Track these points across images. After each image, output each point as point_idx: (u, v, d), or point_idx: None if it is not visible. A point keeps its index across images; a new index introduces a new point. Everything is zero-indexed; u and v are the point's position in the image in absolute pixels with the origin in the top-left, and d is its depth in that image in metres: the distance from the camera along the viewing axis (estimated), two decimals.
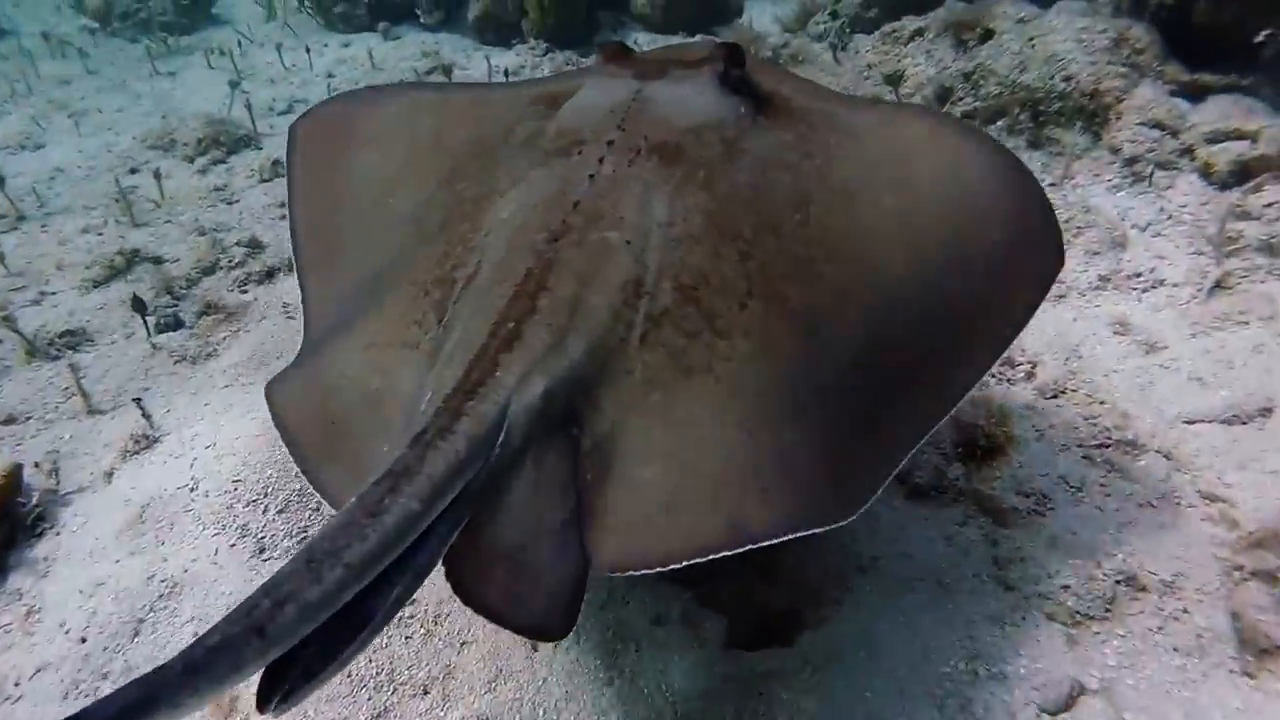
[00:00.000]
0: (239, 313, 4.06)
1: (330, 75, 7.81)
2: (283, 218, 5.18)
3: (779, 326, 1.85)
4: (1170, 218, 4.37)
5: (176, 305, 4.16)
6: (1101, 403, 3.21)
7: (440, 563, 1.62)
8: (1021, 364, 3.42)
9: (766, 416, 1.75)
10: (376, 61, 7.93)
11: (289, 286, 4.33)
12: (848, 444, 1.79)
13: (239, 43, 8.71)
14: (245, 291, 4.29)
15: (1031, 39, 5.08)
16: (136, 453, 3.22)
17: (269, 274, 4.43)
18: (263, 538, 2.80)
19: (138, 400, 3.36)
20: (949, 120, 2.63)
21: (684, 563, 1.60)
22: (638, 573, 1.61)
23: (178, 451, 3.22)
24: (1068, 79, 4.84)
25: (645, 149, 2.10)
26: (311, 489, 1.94)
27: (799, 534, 1.64)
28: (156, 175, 5.25)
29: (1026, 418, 3.15)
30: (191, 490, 3.00)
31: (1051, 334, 3.61)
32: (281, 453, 2.92)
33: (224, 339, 3.91)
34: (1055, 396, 3.25)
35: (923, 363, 1.92)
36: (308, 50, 8.08)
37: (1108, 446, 3.04)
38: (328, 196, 2.55)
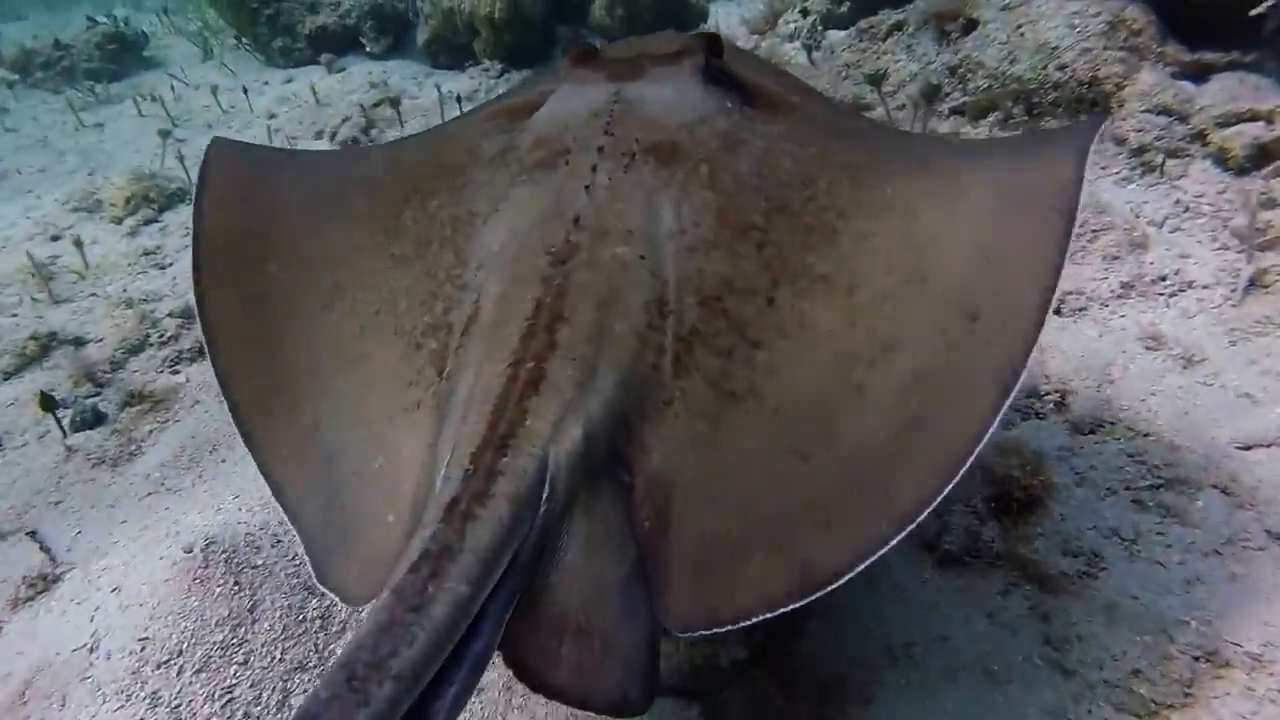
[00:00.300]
0: (168, 399, 3.62)
1: (272, 115, 7.41)
2: None
3: (814, 301, 1.70)
4: (1188, 210, 4.06)
5: (99, 393, 3.72)
6: (1145, 435, 2.83)
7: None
8: (1049, 393, 3.04)
9: (820, 428, 1.58)
10: (321, 96, 7.53)
11: None
12: (917, 411, 1.56)
13: (172, 86, 8.26)
14: (176, 371, 3.86)
15: (1019, 26, 4.81)
16: (31, 599, 2.75)
17: (203, 349, 3.98)
18: (178, 706, 2.31)
19: (33, 534, 2.91)
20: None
21: (755, 619, 1.44)
22: (708, 632, 1.45)
23: (80, 595, 2.73)
24: (1062, 67, 4.56)
25: (639, 152, 1.93)
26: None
27: (869, 563, 1.44)
28: (77, 243, 4.82)
29: (1063, 459, 2.76)
30: (91, 651, 2.50)
31: (1077, 355, 3.23)
32: (197, 600, 2.46)
33: (150, 433, 3.47)
34: (1092, 431, 2.87)
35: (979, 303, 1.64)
36: (245, 90, 7.65)
37: (1159, 487, 2.66)
38: (257, 209, 2.22)
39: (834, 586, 1.44)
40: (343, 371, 1.89)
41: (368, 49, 8.64)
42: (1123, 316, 3.47)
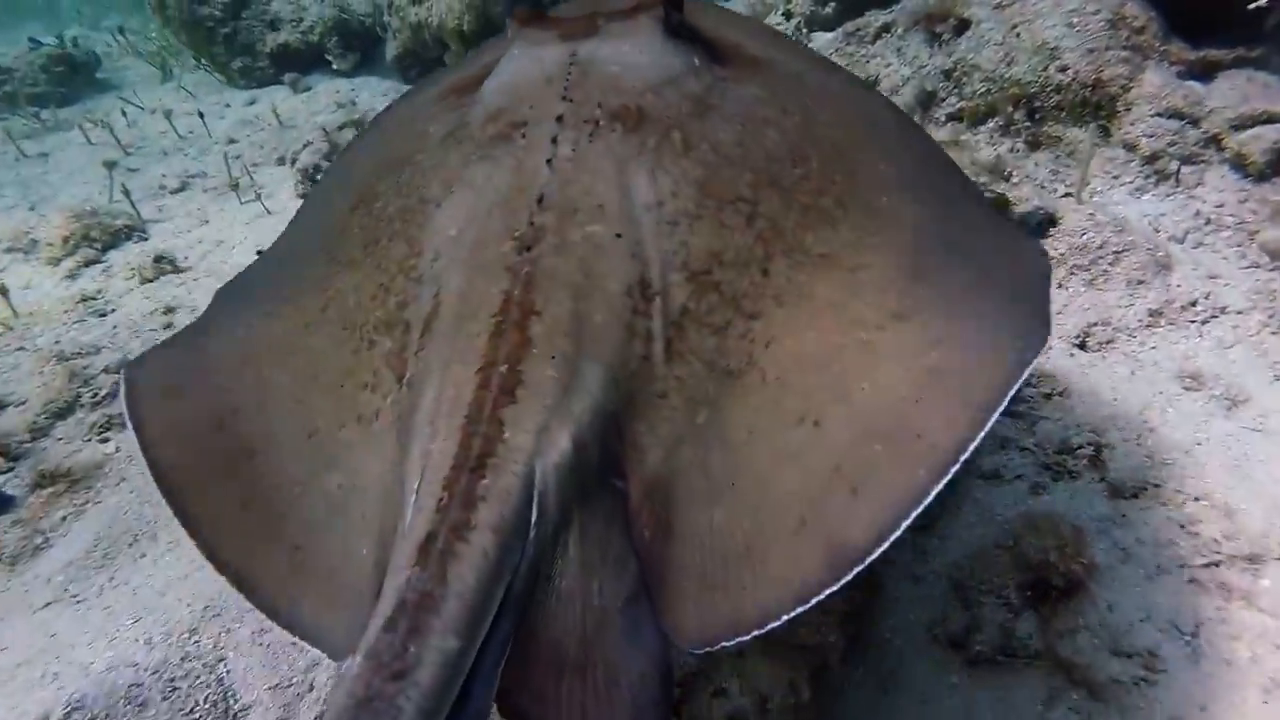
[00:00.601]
0: (90, 476, 3.20)
1: (232, 140, 7.02)
2: (167, 327, 4.39)
3: (814, 275, 1.56)
4: (1210, 222, 3.76)
5: (11, 470, 3.31)
6: (1195, 498, 2.47)
7: None
8: (1082, 446, 2.67)
9: (830, 390, 1.43)
10: (284, 118, 7.15)
11: None
12: (940, 364, 1.43)
13: (123, 111, 7.84)
14: (105, 439, 3.45)
15: (1015, 26, 4.55)
16: None
17: None
18: None
19: None
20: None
21: (784, 618, 1.28)
22: (730, 644, 1.29)
23: None
24: (1064, 69, 4.28)
25: (603, 118, 1.74)
26: None
27: (911, 519, 1.27)
28: (2, 290, 4.41)
29: (1105, 532, 2.40)
30: None
31: (1110, 398, 2.88)
32: None
33: (63, 520, 3.04)
34: (1135, 495, 2.51)
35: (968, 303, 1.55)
36: (201, 115, 7.25)
37: (1217, 564, 2.30)
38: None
39: (873, 558, 1.27)
40: (282, 363, 1.71)
41: (334, 66, 8.25)
42: (1154, 348, 3.13)
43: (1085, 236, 3.47)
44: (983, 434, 1.29)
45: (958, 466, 1.27)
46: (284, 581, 1.50)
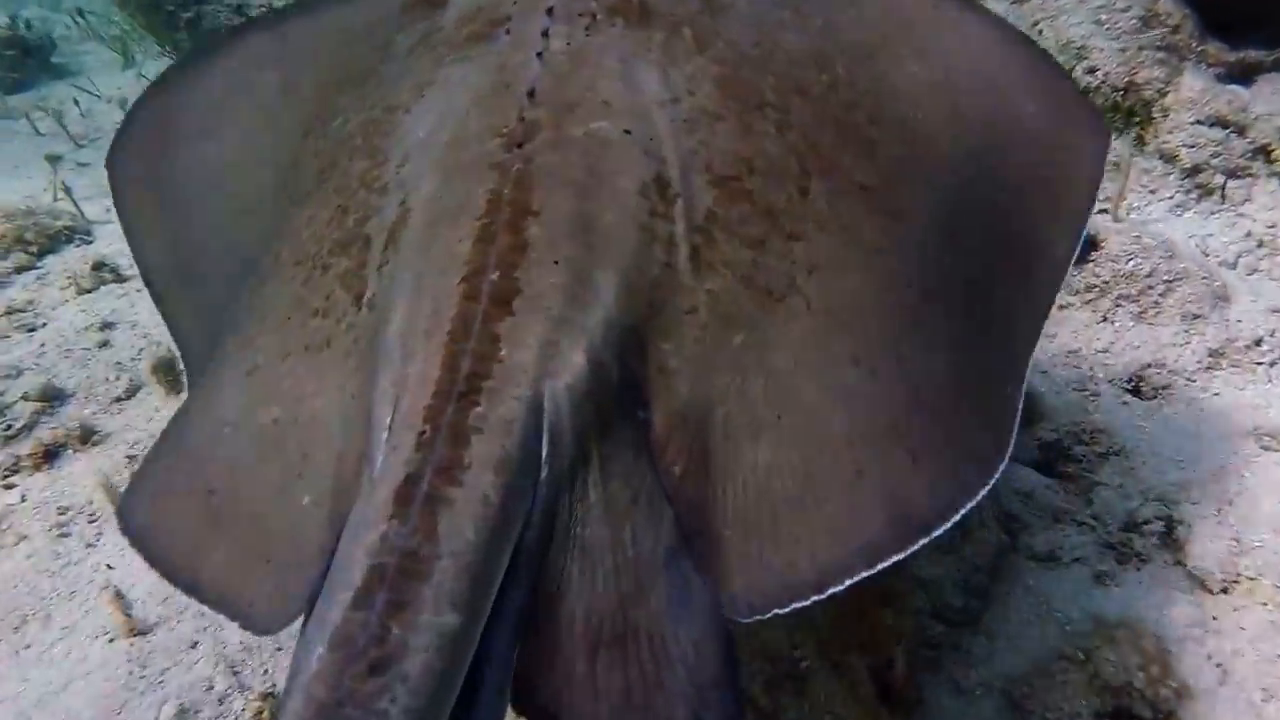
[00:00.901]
0: None
1: None
2: (102, 345, 3.95)
3: (856, 210, 1.41)
4: (1262, 245, 3.43)
5: None
6: None
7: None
8: (1149, 521, 2.28)
9: (883, 342, 1.30)
10: None
11: (80, 469, 3.06)
12: (973, 354, 1.36)
13: (76, 101, 7.33)
14: (10, 485, 2.99)
15: (1036, 23, 4.29)
16: None
17: (54, 451, 3.14)
18: None
19: None
20: None
21: (846, 582, 1.11)
22: (783, 611, 1.10)
23: None
24: (1092, 70, 3.96)
25: (600, 11, 1.56)
26: None
27: (970, 506, 1.18)
28: None
29: (1195, 641, 2.00)
30: None
31: (1174, 459, 2.49)
32: None
33: None
34: (1225, 590, 2.11)
35: (1009, 240, 1.54)
36: None
37: None
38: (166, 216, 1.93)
39: (940, 532, 1.17)
40: (231, 323, 1.53)
41: None
42: (1217, 395, 2.74)
43: (1132, 263, 3.08)
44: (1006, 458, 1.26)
45: (998, 476, 1.24)
46: (189, 528, 1.31)
